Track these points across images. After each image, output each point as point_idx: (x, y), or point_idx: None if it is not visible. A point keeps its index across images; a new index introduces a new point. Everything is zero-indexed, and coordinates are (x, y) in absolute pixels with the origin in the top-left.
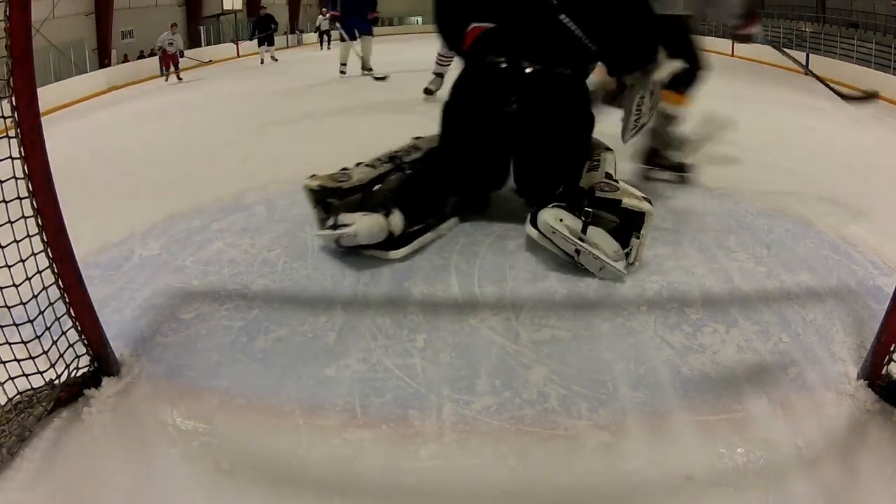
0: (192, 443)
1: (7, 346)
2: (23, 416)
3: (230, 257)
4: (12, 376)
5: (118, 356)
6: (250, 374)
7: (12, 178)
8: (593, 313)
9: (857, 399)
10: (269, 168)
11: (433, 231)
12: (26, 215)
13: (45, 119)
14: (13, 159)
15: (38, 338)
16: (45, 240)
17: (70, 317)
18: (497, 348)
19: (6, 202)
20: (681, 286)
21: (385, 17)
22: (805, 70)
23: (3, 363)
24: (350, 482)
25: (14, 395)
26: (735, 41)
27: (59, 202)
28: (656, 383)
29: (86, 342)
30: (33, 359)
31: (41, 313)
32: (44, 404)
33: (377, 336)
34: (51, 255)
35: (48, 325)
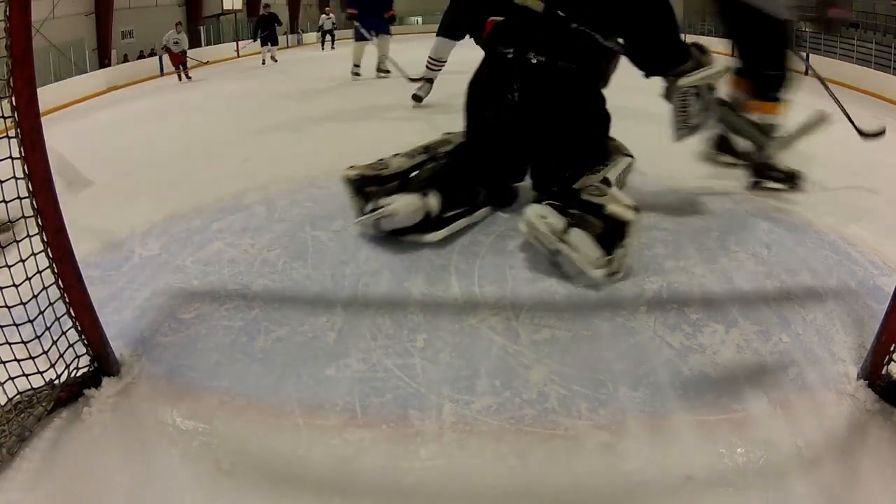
0: (192, 443)
1: (7, 346)
2: (23, 416)
3: (230, 257)
4: (12, 376)
5: (118, 356)
6: (250, 374)
7: (12, 178)
8: (593, 313)
9: (857, 399)
10: (269, 168)
11: (468, 217)
12: (26, 215)
13: (45, 119)
14: (13, 159)
15: (38, 338)
16: (45, 240)
17: (70, 317)
18: (497, 348)
19: (6, 202)
20: (680, 286)
21: None
22: (832, 97)
23: (3, 363)
24: (350, 482)
25: (14, 395)
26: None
27: (59, 202)
28: (656, 383)
29: (86, 342)
30: (33, 359)
31: (41, 313)
32: (44, 404)
33: (377, 336)
34: (51, 255)
35: (48, 325)
